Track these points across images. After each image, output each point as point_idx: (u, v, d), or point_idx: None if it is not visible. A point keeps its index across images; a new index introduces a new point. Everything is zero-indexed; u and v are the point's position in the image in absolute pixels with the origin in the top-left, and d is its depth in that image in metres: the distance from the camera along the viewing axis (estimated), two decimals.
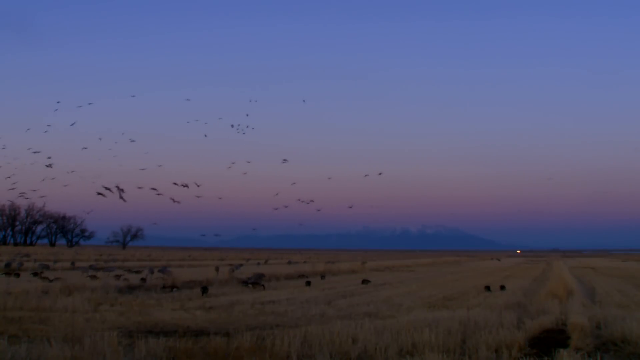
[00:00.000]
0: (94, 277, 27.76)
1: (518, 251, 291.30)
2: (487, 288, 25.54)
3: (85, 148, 31.98)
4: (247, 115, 56.57)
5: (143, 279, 27.49)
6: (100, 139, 31.75)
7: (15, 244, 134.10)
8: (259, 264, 57.95)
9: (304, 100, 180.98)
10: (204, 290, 22.80)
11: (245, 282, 26.92)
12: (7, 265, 38.38)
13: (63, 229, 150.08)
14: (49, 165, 28.10)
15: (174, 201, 24.89)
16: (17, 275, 30.02)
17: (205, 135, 30.42)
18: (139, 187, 22.95)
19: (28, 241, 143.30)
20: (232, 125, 33.92)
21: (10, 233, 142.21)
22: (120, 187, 22.44)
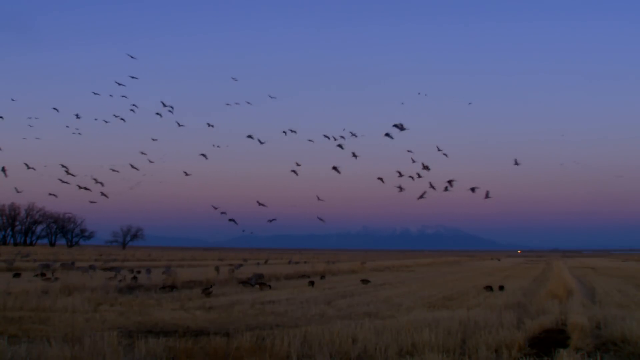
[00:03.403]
0: (112, 278, 27.54)
1: (519, 251, 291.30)
2: (489, 288, 25.51)
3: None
4: (403, 103, 50.18)
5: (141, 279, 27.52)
6: (155, 139, 29.46)
7: (15, 244, 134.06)
8: (258, 264, 57.86)
9: (425, 94, 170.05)
10: (206, 290, 22.72)
11: (249, 283, 26.87)
12: (46, 266, 36.88)
13: (63, 229, 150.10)
14: (143, 153, 27.06)
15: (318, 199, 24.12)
16: (18, 275, 29.97)
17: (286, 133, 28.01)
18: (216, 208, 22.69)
19: (28, 241, 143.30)
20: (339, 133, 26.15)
21: (10, 233, 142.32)
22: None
